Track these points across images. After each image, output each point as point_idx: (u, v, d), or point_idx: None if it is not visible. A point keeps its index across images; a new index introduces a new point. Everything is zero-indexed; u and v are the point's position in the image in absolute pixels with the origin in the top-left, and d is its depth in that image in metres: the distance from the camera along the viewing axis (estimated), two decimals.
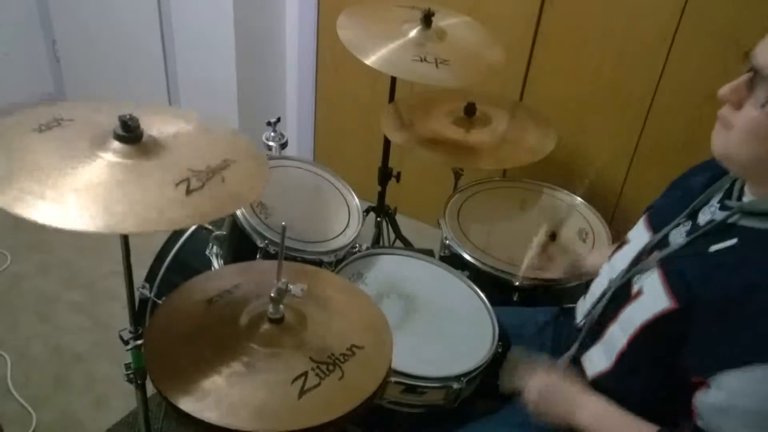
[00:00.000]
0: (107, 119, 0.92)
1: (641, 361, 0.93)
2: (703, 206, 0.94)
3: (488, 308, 1.33)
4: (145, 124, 0.93)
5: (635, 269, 0.97)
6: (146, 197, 0.86)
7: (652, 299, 0.90)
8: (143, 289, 1.54)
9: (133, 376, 1.09)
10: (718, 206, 0.91)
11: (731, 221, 0.87)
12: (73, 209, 0.81)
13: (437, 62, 1.52)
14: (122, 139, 0.90)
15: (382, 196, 2.04)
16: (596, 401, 0.96)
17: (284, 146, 1.70)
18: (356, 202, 1.59)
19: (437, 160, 1.71)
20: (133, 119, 0.90)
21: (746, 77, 0.81)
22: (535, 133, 1.77)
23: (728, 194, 0.92)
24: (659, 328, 0.88)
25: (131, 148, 0.91)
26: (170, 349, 0.93)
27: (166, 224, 0.84)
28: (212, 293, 1.03)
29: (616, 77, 2.00)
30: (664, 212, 1.01)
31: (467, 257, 1.50)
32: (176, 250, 1.58)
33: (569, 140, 2.09)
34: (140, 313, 1.50)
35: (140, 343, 1.05)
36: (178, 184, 0.89)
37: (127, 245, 1.01)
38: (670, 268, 0.90)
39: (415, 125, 1.75)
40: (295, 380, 0.88)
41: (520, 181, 1.83)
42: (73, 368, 1.87)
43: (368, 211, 2.01)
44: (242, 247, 1.38)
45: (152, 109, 1.03)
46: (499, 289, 1.43)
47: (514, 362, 1.07)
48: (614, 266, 1.05)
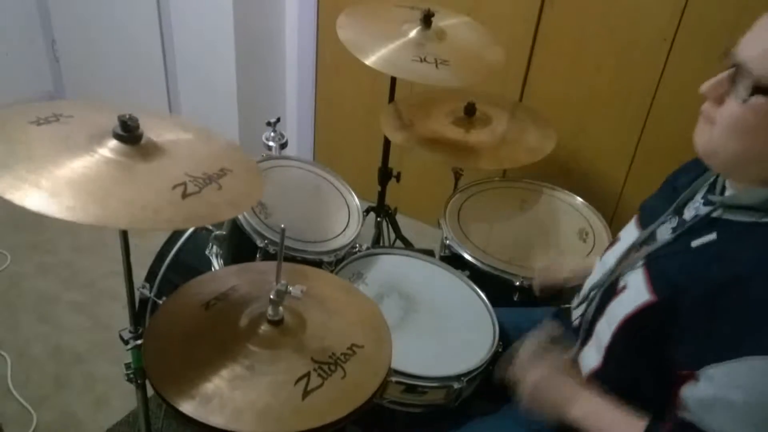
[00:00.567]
0: (107, 119, 0.92)
1: (627, 354, 0.93)
2: (688, 202, 0.95)
3: (488, 308, 1.33)
4: (145, 127, 0.93)
5: (623, 266, 0.97)
6: (142, 196, 0.85)
7: (633, 293, 0.91)
8: (143, 289, 1.54)
9: (133, 375, 1.08)
10: (702, 201, 0.92)
11: (715, 215, 0.87)
12: (67, 200, 0.80)
13: (437, 62, 1.52)
14: (121, 138, 0.90)
15: (382, 196, 2.04)
16: (589, 396, 0.95)
17: (284, 146, 1.70)
18: (356, 202, 1.59)
19: (437, 160, 1.71)
20: (132, 119, 0.90)
21: (728, 72, 0.81)
22: (534, 133, 1.77)
23: (712, 189, 0.92)
24: (640, 321, 0.89)
25: (130, 148, 0.91)
26: (170, 352, 0.93)
27: (161, 224, 0.84)
28: (211, 296, 1.03)
29: (616, 77, 2.00)
30: (652, 209, 1.02)
31: (467, 257, 1.50)
32: (176, 250, 1.58)
33: (569, 140, 2.09)
34: (140, 313, 1.50)
35: (140, 342, 1.05)
36: (174, 187, 0.88)
37: (127, 244, 1.01)
38: (653, 264, 0.91)
39: (415, 125, 1.75)
40: (298, 381, 0.88)
41: (520, 181, 1.83)
42: (73, 368, 1.87)
43: (368, 211, 2.01)
44: (242, 247, 1.38)
45: (154, 114, 1.03)
46: (499, 289, 1.43)
47: (512, 353, 1.06)
48: (606, 264, 1.05)
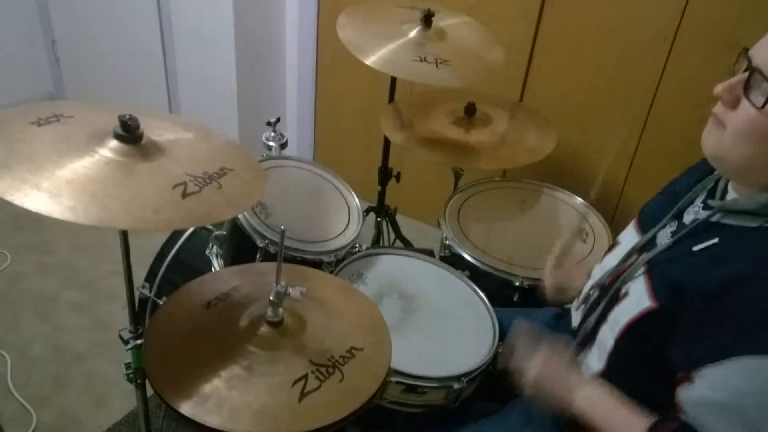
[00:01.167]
0: (108, 119, 0.92)
1: (630, 360, 0.93)
2: (688, 206, 0.95)
3: (488, 308, 1.33)
4: (145, 127, 0.93)
5: (624, 273, 0.97)
6: (142, 196, 0.85)
7: (635, 300, 0.91)
8: (143, 288, 1.54)
9: (133, 375, 1.08)
10: (701, 206, 0.92)
11: (714, 220, 0.87)
12: (67, 200, 0.80)
13: (437, 62, 1.52)
14: (121, 138, 0.90)
15: (382, 196, 2.04)
16: (593, 387, 0.95)
17: (284, 146, 1.70)
18: (356, 202, 1.59)
19: (437, 160, 1.71)
20: (132, 119, 0.90)
21: (743, 76, 0.79)
22: (535, 133, 1.77)
23: (711, 194, 0.92)
24: (642, 326, 0.88)
25: (130, 148, 0.90)
26: (170, 353, 0.93)
27: (161, 224, 0.84)
28: (211, 296, 1.03)
29: (616, 78, 1.99)
30: (652, 213, 1.01)
31: (467, 257, 1.50)
32: (176, 249, 1.58)
33: (569, 140, 2.08)
34: (140, 312, 1.50)
35: (140, 342, 1.05)
36: (174, 187, 0.88)
37: (126, 244, 1.01)
38: (654, 270, 0.91)
39: (415, 125, 1.75)
40: (295, 383, 0.88)
41: (520, 181, 1.83)
42: (73, 368, 1.87)
43: (368, 211, 2.01)
44: (242, 247, 1.38)
45: (154, 113, 1.03)
46: (499, 289, 1.43)
47: (515, 341, 1.05)
48: (605, 268, 1.05)
